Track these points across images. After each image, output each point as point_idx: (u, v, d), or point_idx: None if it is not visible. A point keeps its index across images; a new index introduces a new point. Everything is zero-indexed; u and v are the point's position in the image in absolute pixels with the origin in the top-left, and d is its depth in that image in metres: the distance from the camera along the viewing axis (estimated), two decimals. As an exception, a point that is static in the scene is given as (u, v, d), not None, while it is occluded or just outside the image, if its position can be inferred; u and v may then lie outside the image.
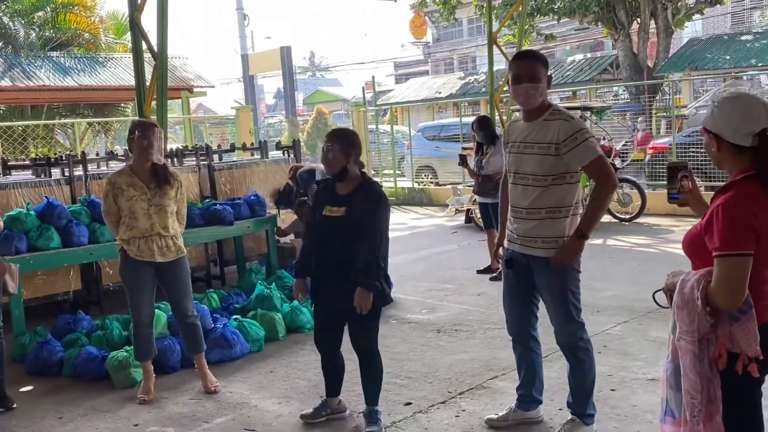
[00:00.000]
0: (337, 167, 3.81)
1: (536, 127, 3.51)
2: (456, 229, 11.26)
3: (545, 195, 3.49)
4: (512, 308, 3.80)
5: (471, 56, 42.14)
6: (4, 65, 15.19)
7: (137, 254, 4.52)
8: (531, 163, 3.50)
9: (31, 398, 4.82)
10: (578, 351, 3.64)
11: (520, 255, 3.62)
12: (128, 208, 4.51)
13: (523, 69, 3.47)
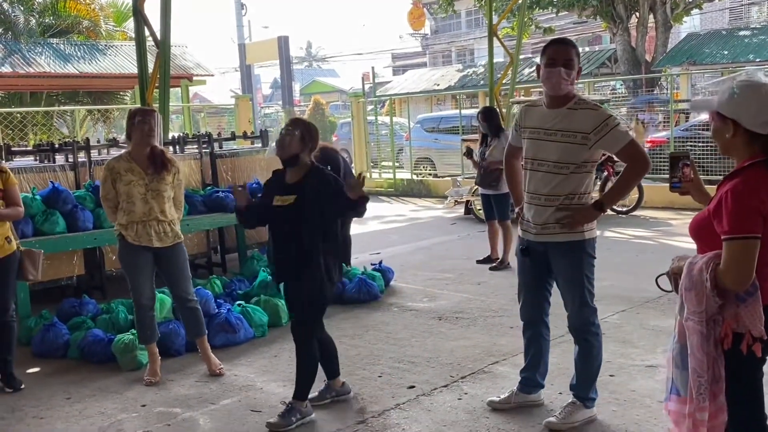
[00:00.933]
0: (290, 152, 3.89)
1: (560, 114, 3.54)
2: (455, 221, 11.33)
3: (566, 182, 3.55)
4: (528, 295, 3.85)
5: (469, 48, 42.14)
6: (3, 51, 15.15)
7: (135, 239, 4.58)
8: (555, 150, 3.54)
9: (39, 379, 4.88)
10: (589, 335, 3.72)
11: (536, 243, 3.67)
12: (126, 193, 4.57)
13: (559, 54, 3.50)
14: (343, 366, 4.80)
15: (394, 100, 24.05)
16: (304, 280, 3.87)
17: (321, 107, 34.80)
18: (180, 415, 4.17)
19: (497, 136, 7.56)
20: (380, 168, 16.81)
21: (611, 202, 3.65)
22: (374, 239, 9.89)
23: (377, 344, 5.28)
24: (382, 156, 16.91)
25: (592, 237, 3.65)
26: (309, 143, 3.93)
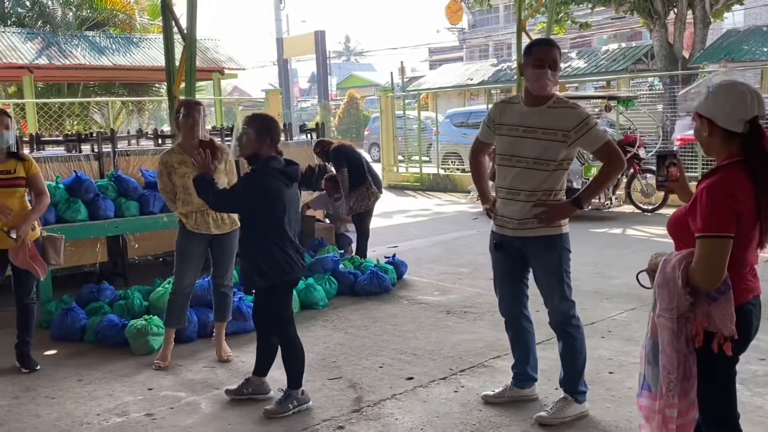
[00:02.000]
0: (249, 150, 3.95)
1: (541, 112, 3.60)
2: (477, 216, 11.33)
3: (545, 179, 3.61)
4: (505, 290, 3.91)
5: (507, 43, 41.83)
6: (42, 44, 15.57)
7: (194, 227, 4.76)
8: (534, 147, 3.59)
9: (54, 361, 5.06)
10: (570, 328, 3.75)
11: (512, 239, 3.72)
12: (182, 185, 4.74)
13: (547, 55, 3.54)
14: (346, 355, 4.92)
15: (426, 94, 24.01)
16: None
17: (355, 101, 34.94)
18: (184, 399, 4.30)
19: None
20: (407, 162, 16.85)
21: (588, 199, 3.72)
22: (394, 232, 9.96)
23: (382, 335, 5.35)
24: (410, 150, 16.95)
25: (567, 231, 3.72)
26: (267, 137, 3.95)
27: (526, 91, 3.61)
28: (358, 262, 7.10)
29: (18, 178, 4.69)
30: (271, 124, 4.05)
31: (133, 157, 7.23)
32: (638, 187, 10.95)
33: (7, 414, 4.15)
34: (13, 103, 14.41)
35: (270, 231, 3.94)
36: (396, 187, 15.99)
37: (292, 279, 4.09)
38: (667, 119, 14.99)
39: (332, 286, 6.48)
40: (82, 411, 4.17)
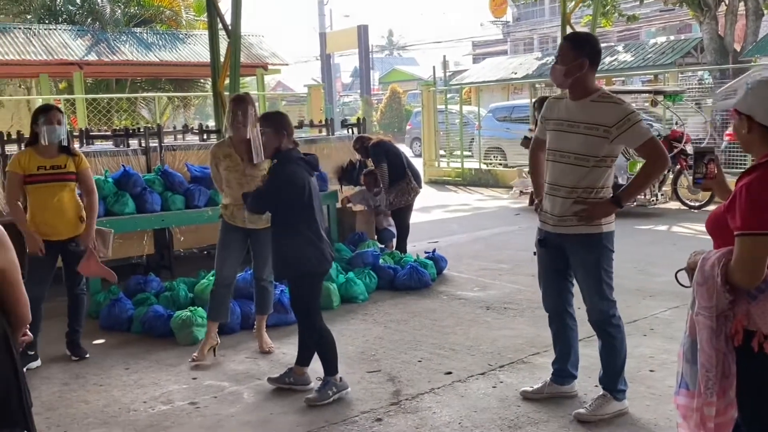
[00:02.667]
0: (271, 149, 4.11)
1: (582, 106, 3.59)
2: (519, 211, 11.26)
3: (587, 175, 3.58)
4: (548, 286, 3.91)
5: (552, 36, 41.32)
6: (91, 40, 15.95)
7: (230, 219, 4.89)
8: (576, 142, 3.58)
9: (103, 350, 5.23)
10: (609, 327, 3.72)
11: (554, 235, 3.72)
12: (225, 177, 4.88)
13: (559, 50, 3.67)
14: (386, 349, 4.97)
15: (469, 88, 23.89)
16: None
17: (398, 96, 34.96)
18: (227, 389, 4.40)
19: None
20: (449, 157, 16.82)
21: (628, 198, 3.67)
22: (435, 227, 9.97)
23: (421, 330, 5.38)
24: (452, 145, 16.90)
25: (610, 230, 3.66)
26: (283, 131, 4.09)
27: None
28: (398, 257, 7.14)
29: (69, 172, 4.84)
30: (283, 118, 4.23)
31: (179, 152, 7.40)
32: (685, 183, 10.74)
33: (58, 399, 4.31)
34: (64, 99, 14.84)
35: (300, 221, 4.03)
36: (437, 182, 15.97)
37: (322, 270, 4.18)
38: (717, 114, 14.65)
39: (372, 281, 6.53)
40: (129, 398, 4.30)
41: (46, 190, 4.77)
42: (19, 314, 2.22)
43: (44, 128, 4.73)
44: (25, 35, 15.30)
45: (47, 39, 15.38)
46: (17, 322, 2.23)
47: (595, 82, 3.65)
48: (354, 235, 7.86)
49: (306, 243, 4.04)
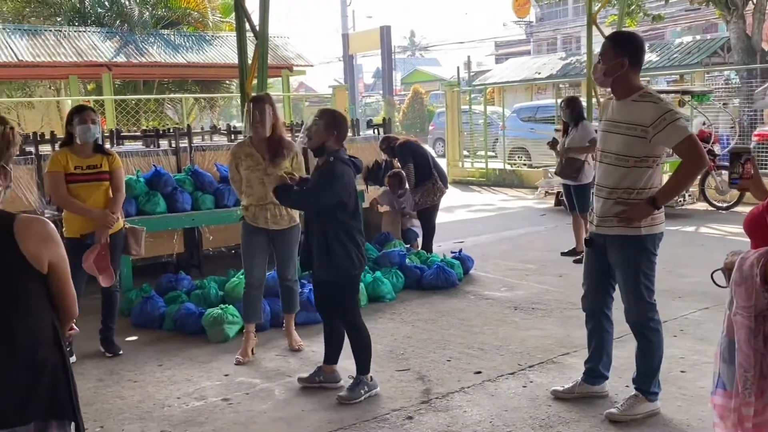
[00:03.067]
0: (316, 142, 4.10)
1: (624, 106, 3.58)
2: (545, 212, 11.23)
3: (626, 176, 3.57)
4: (589, 284, 3.90)
5: (575, 36, 41.08)
6: (120, 42, 16.18)
7: (252, 220, 4.90)
8: (617, 142, 3.58)
9: (136, 347, 5.31)
10: (647, 330, 3.71)
11: (597, 235, 3.73)
12: (246, 178, 4.89)
13: (601, 49, 3.63)
14: (414, 348, 5.00)
15: (492, 89, 23.82)
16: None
17: (420, 96, 34.96)
18: (258, 386, 4.46)
19: (577, 125, 7.49)
20: (473, 157, 16.80)
21: (665, 200, 3.59)
22: (460, 228, 9.98)
23: (449, 330, 5.40)
24: (475, 145, 16.88)
25: (651, 233, 3.62)
26: (334, 130, 4.09)
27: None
28: (425, 256, 7.17)
29: (103, 172, 4.93)
30: (340, 119, 4.19)
31: (208, 152, 7.49)
32: (712, 184, 10.65)
33: (94, 395, 4.39)
34: (93, 100, 15.05)
35: (344, 223, 4.06)
36: (461, 183, 15.97)
37: (359, 273, 4.25)
38: (744, 114, 14.49)
39: (399, 280, 6.56)
40: (163, 394, 4.38)
41: (82, 189, 4.85)
42: (68, 308, 2.28)
43: (79, 128, 4.82)
44: (56, 37, 15.56)
45: (77, 41, 15.63)
46: (65, 316, 2.29)
47: (637, 82, 3.62)
48: (380, 234, 7.90)
49: (351, 244, 4.08)
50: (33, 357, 2.13)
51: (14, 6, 17.99)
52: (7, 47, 14.60)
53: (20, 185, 6.45)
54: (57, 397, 2.18)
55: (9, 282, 2.11)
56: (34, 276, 2.14)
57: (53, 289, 2.21)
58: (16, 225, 2.10)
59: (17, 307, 2.12)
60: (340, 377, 4.40)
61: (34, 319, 2.16)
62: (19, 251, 2.09)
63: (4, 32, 15.25)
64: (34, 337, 2.15)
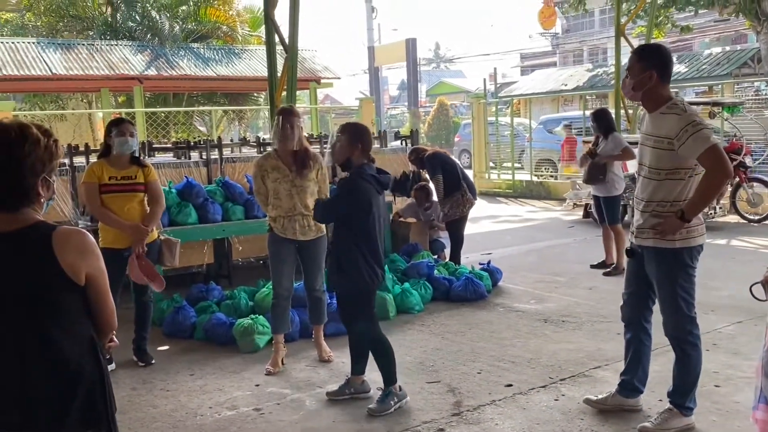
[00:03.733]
0: (341, 157, 4.14)
1: (653, 119, 3.59)
2: (573, 224, 11.16)
3: (659, 188, 3.56)
4: (630, 297, 3.88)
5: (602, 48, 40.90)
6: (151, 56, 16.45)
7: (281, 231, 4.93)
8: (649, 155, 3.59)
9: (168, 356, 5.37)
10: (685, 344, 3.67)
11: (636, 246, 3.73)
12: (273, 189, 4.92)
13: (627, 62, 3.66)
14: (444, 360, 4.99)
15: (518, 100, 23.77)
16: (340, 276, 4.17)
17: (445, 108, 34.98)
18: (289, 396, 4.48)
19: (607, 137, 7.45)
20: (499, 169, 16.76)
21: (693, 212, 3.53)
22: (487, 239, 9.95)
23: (479, 342, 5.39)
24: (502, 157, 16.84)
25: (688, 246, 3.58)
26: (358, 144, 4.11)
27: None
28: (453, 268, 7.16)
29: (138, 183, 5.00)
30: (362, 132, 4.21)
31: (238, 164, 7.57)
32: (744, 196, 10.50)
33: (128, 404, 4.45)
34: (124, 112, 15.29)
35: (360, 240, 4.07)
36: (488, 194, 15.91)
37: (373, 288, 4.25)
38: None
39: (427, 292, 6.56)
40: (196, 403, 4.42)
41: (116, 199, 4.93)
42: (106, 320, 2.28)
43: (117, 140, 4.91)
44: (88, 51, 15.87)
45: (109, 54, 15.93)
46: (104, 328, 2.29)
47: (667, 93, 3.60)
48: (408, 245, 7.91)
49: (363, 259, 4.08)
50: (70, 369, 2.15)
51: (48, 20, 18.37)
52: (41, 61, 14.93)
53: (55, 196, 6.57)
54: (93, 409, 2.19)
55: (47, 293, 2.12)
56: (72, 288, 2.14)
57: (92, 302, 2.22)
58: (55, 237, 2.11)
59: (55, 318, 2.14)
60: (370, 387, 4.40)
61: (73, 331, 2.17)
62: (57, 263, 2.09)
63: (38, 46, 15.60)
64: (72, 349, 2.16)
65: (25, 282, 2.11)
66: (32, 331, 2.13)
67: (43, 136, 2.16)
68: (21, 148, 2.09)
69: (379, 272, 4.20)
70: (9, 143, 2.08)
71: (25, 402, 2.12)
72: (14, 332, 2.13)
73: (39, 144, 2.13)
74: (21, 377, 2.12)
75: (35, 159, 2.11)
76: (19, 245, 2.11)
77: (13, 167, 2.08)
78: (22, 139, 2.10)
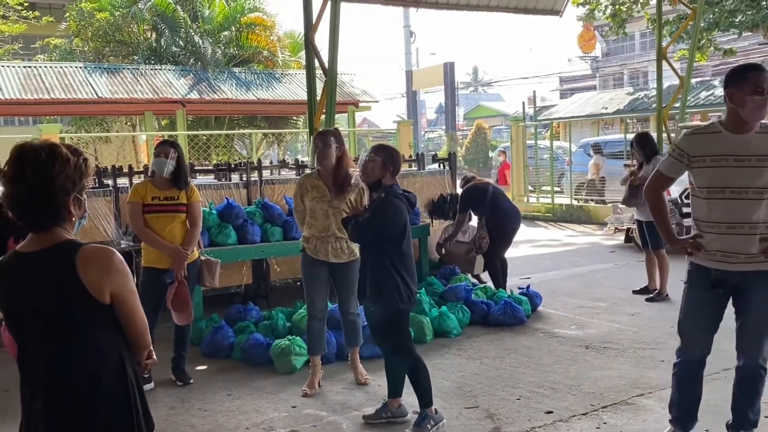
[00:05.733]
0: (372, 177, 4.16)
1: (751, 140, 3.40)
2: (614, 248, 10.98)
3: (765, 209, 3.40)
4: (704, 328, 3.63)
5: (642, 71, 40.52)
6: (193, 80, 16.80)
7: (313, 252, 4.92)
8: (748, 176, 3.38)
9: (206, 376, 5.39)
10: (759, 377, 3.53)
11: (735, 273, 3.46)
12: (310, 209, 4.93)
13: (765, 81, 3.33)
14: (482, 385, 4.91)
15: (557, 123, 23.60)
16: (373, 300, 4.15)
17: (483, 131, 34.93)
18: (326, 418, 4.45)
19: (649, 161, 7.32)
20: (538, 192, 16.61)
21: None
22: (526, 263, 9.83)
23: (518, 368, 5.29)
24: (541, 180, 16.70)
25: None
26: (390, 167, 4.13)
27: (734, 118, 3.43)
28: (491, 291, 7.07)
29: (180, 204, 5.07)
30: (395, 155, 4.25)
31: (277, 186, 7.63)
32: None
33: (165, 422, 4.46)
34: (166, 135, 15.61)
35: (396, 258, 4.07)
36: (526, 218, 15.73)
37: (409, 309, 4.24)
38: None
39: (465, 315, 6.48)
40: (233, 424, 4.41)
41: (158, 220, 5.00)
42: (136, 339, 2.27)
43: (154, 161, 5.01)
44: (133, 75, 16.28)
45: (153, 78, 16.31)
46: (135, 346, 2.28)
47: None
48: (445, 268, 7.84)
49: (400, 279, 4.08)
50: (91, 386, 2.14)
51: (95, 46, 18.91)
52: (88, 85, 15.35)
53: (98, 216, 6.71)
54: (115, 427, 2.18)
55: (70, 312, 2.13)
56: (97, 306, 2.14)
57: (121, 320, 2.21)
58: (79, 255, 2.11)
59: (78, 338, 2.14)
60: (407, 411, 4.35)
61: (96, 349, 2.17)
62: (79, 280, 2.09)
63: (85, 70, 16.05)
64: (96, 367, 2.16)
65: (47, 299, 2.13)
66: (54, 347, 2.14)
67: (73, 155, 2.18)
68: (51, 167, 2.11)
69: (414, 290, 4.19)
70: (40, 163, 2.10)
71: (47, 417, 2.14)
72: (39, 348, 2.16)
73: (69, 163, 2.15)
74: (44, 393, 2.14)
75: (65, 178, 2.13)
76: (46, 263, 2.13)
77: (44, 186, 2.10)
78: (52, 158, 2.12)
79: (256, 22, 18.93)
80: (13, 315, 2.21)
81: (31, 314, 2.15)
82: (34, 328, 2.15)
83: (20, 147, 2.15)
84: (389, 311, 4.12)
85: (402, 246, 4.11)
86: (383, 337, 4.30)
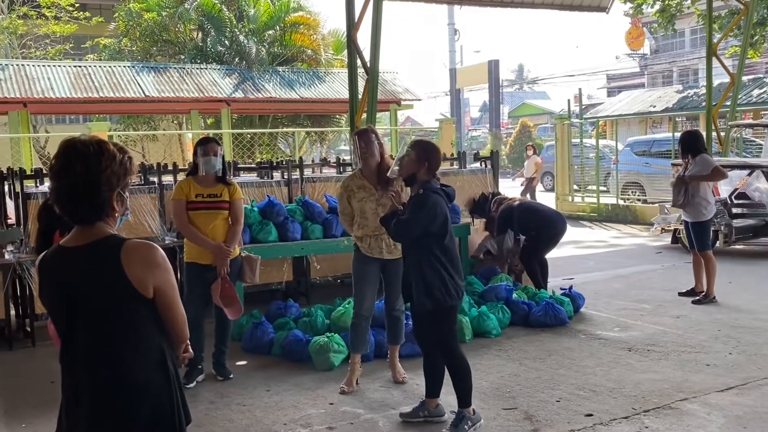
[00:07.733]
0: (407, 172, 4.14)
1: None
2: (660, 250, 10.74)
3: None
4: None
5: (692, 68, 39.61)
6: (238, 79, 17.02)
7: (368, 251, 4.92)
8: None
9: (245, 371, 5.45)
10: None
11: None
12: (359, 209, 4.93)
13: None
14: (521, 387, 4.86)
15: (603, 122, 23.23)
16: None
17: (528, 129, 34.60)
18: (362, 416, 4.46)
19: (695, 158, 7.14)
20: (583, 192, 16.36)
21: None
22: (569, 264, 9.68)
23: (559, 369, 5.21)
24: (586, 180, 16.44)
25: None
26: (425, 162, 4.09)
27: None
28: (532, 292, 6.99)
29: (223, 201, 5.13)
30: (432, 151, 4.21)
31: (318, 184, 7.68)
32: None
33: (205, 417, 4.52)
34: (212, 133, 15.84)
35: (440, 253, 4.05)
36: (571, 218, 15.48)
37: (456, 304, 4.20)
38: None
39: (505, 316, 6.42)
40: (271, 419, 4.45)
41: (202, 217, 5.07)
42: (176, 332, 2.31)
43: (202, 159, 5.06)
44: (179, 74, 16.58)
45: (199, 78, 16.58)
46: (175, 339, 2.33)
47: None
48: (486, 268, 7.78)
49: (447, 274, 4.06)
50: (136, 381, 2.18)
51: (143, 45, 19.31)
52: (135, 84, 15.68)
53: (143, 212, 6.84)
54: (160, 423, 2.22)
55: (116, 305, 2.17)
56: (141, 300, 2.18)
57: (161, 313, 2.25)
58: (123, 250, 2.16)
59: (123, 330, 2.18)
60: (444, 411, 4.33)
61: (140, 343, 2.21)
62: (124, 275, 2.14)
63: (132, 70, 16.41)
64: (139, 361, 2.19)
65: (94, 294, 2.17)
66: (100, 343, 2.18)
67: (119, 153, 2.23)
68: (99, 162, 2.16)
69: (461, 284, 4.17)
70: (87, 157, 2.15)
71: (92, 413, 2.17)
72: (84, 342, 2.19)
73: (115, 159, 2.20)
74: (90, 388, 2.18)
75: (111, 173, 2.18)
76: (91, 258, 2.17)
77: (91, 180, 2.15)
78: (99, 153, 2.17)
79: (300, 21, 19.08)
80: (57, 309, 2.26)
81: (77, 309, 2.19)
82: (80, 322, 2.19)
83: (69, 141, 2.20)
84: (438, 308, 4.09)
85: (445, 241, 4.09)
86: (429, 334, 4.26)
